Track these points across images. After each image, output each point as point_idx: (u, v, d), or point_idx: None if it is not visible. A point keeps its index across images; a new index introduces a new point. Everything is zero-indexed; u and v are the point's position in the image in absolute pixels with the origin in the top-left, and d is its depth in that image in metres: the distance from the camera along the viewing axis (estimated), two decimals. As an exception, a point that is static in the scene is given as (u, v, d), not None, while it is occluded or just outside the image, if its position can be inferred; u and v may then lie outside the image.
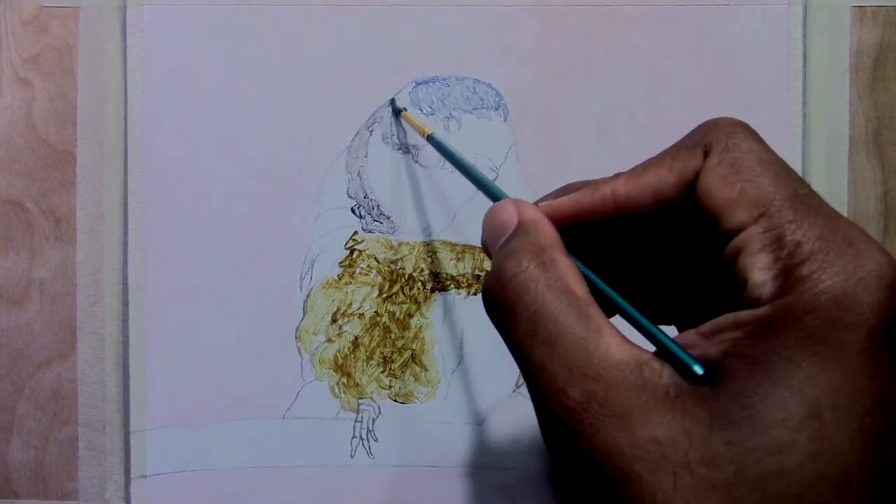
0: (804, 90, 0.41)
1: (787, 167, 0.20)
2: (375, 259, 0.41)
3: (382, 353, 0.41)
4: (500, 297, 0.20)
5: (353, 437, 0.41)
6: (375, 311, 0.41)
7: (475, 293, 0.41)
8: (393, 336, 0.41)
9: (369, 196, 0.41)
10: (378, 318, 0.41)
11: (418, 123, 0.38)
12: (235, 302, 0.41)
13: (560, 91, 0.41)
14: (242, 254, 0.41)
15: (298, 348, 0.41)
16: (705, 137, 0.21)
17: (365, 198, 0.41)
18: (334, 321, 0.41)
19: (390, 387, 0.41)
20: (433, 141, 0.35)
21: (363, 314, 0.41)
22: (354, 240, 0.41)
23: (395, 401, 0.41)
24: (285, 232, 0.41)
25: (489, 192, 0.27)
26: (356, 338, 0.41)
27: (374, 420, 0.41)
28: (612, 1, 0.41)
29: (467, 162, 0.30)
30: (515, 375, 0.41)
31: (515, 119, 0.41)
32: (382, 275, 0.41)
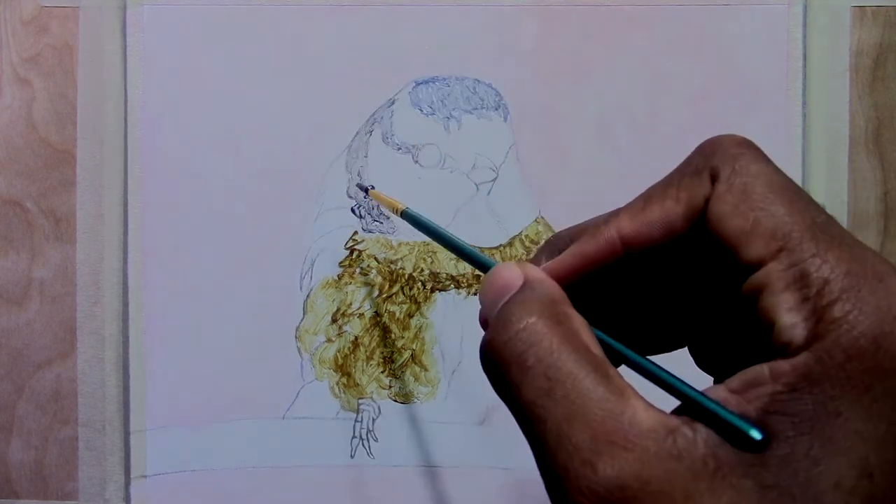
0: (804, 90, 0.41)
1: (800, 191, 0.19)
2: (375, 259, 0.41)
3: (382, 353, 0.41)
4: (505, 351, 0.18)
5: (353, 437, 0.41)
6: (375, 311, 0.41)
7: (475, 293, 0.41)
8: (393, 336, 0.41)
9: (369, 196, 0.41)
10: (378, 318, 0.41)
11: (389, 200, 0.36)
12: (235, 302, 0.41)
13: (560, 91, 0.41)
14: (242, 254, 0.41)
15: (298, 348, 0.41)
16: (709, 160, 0.19)
17: (365, 198, 0.41)
18: (334, 321, 0.41)
19: (390, 387, 0.41)
20: (408, 216, 0.33)
21: (363, 314, 0.41)
22: (354, 240, 0.41)
23: (395, 401, 0.41)
24: (285, 232, 0.41)
25: (478, 262, 0.25)
26: (356, 338, 0.41)
27: (374, 420, 0.41)
28: (612, 1, 0.41)
29: (449, 234, 0.28)
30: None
31: (515, 119, 0.41)
32: (382, 275, 0.41)
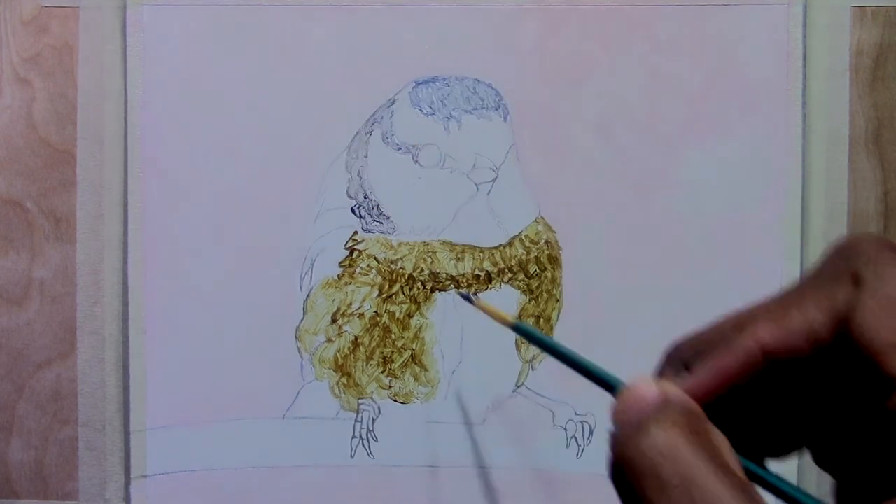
0: (804, 90, 0.41)
1: None
2: (375, 259, 0.41)
3: (382, 353, 0.41)
4: (640, 463, 0.17)
5: (353, 437, 0.41)
6: (375, 311, 0.41)
7: (474, 293, 0.41)
8: (393, 336, 0.41)
9: (369, 196, 0.41)
10: (378, 318, 0.41)
11: (497, 312, 0.32)
12: (235, 302, 0.41)
13: (560, 91, 0.41)
14: (242, 254, 0.41)
15: (298, 348, 0.41)
16: (850, 264, 0.18)
17: (365, 198, 0.41)
18: (334, 321, 0.41)
19: (390, 387, 0.41)
20: (521, 330, 0.31)
21: (363, 314, 0.41)
22: (354, 240, 0.41)
23: (395, 401, 0.41)
24: (285, 232, 0.41)
25: (605, 381, 0.23)
26: (356, 338, 0.41)
27: (373, 420, 0.41)
28: (613, 1, 0.41)
29: (568, 350, 0.25)
30: (515, 375, 0.41)
31: (515, 119, 0.41)
32: (382, 275, 0.41)
